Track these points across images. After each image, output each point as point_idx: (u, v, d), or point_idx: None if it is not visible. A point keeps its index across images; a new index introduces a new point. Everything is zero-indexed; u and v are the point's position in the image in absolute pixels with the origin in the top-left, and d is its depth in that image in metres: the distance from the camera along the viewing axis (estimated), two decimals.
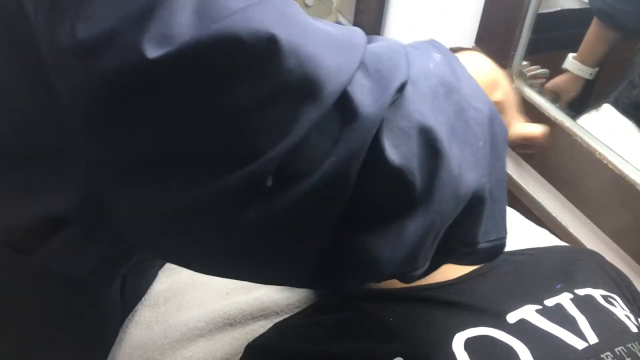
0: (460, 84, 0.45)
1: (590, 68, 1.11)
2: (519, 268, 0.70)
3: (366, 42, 0.42)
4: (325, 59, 0.37)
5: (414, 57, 0.44)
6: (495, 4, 1.02)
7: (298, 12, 0.39)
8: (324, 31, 0.40)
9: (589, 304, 0.64)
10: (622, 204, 0.84)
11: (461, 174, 0.42)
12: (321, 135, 0.37)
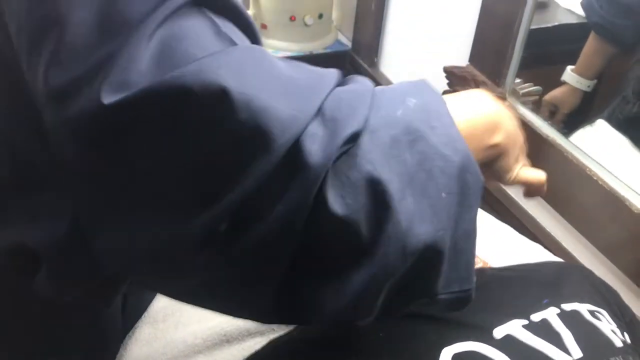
0: (431, 131, 0.44)
1: (589, 80, 1.12)
2: (508, 284, 0.71)
3: (333, 86, 0.42)
4: (279, 110, 0.38)
5: (383, 102, 0.44)
6: (487, 24, 1.04)
7: (260, 59, 0.40)
8: (285, 78, 0.40)
9: (575, 318, 0.65)
10: (613, 219, 0.86)
11: (411, 228, 0.41)
12: (271, 184, 0.38)
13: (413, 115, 0.44)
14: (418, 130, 0.43)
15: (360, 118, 0.41)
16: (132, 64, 0.37)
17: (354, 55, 1.51)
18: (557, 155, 0.94)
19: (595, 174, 0.88)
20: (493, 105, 0.55)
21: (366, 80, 0.46)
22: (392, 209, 0.40)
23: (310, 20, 1.46)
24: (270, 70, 0.40)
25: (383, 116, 0.43)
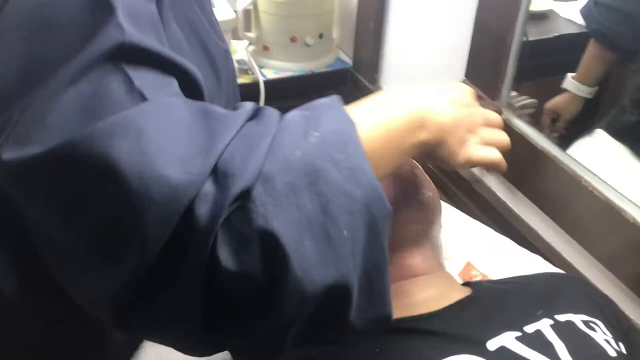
0: (333, 167, 0.44)
1: (590, 87, 1.12)
2: (502, 296, 0.72)
3: (235, 132, 0.43)
4: (173, 177, 0.39)
5: (283, 141, 0.44)
6: (480, 39, 1.06)
7: (165, 115, 0.42)
8: (186, 135, 0.41)
9: (569, 329, 0.66)
10: (610, 230, 0.86)
11: (309, 275, 0.42)
12: (168, 250, 0.40)
13: (314, 152, 0.44)
14: (318, 169, 0.43)
15: (253, 169, 0.41)
16: (37, 122, 0.40)
17: (355, 73, 1.53)
18: (553, 167, 0.95)
19: (591, 184, 0.89)
20: (415, 102, 0.56)
21: (272, 115, 0.47)
22: (288, 259, 0.41)
23: (310, 41, 1.48)
24: (173, 127, 0.42)
25: (280, 160, 0.43)
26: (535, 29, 1.18)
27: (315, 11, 1.47)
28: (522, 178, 1.03)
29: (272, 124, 0.46)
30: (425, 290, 0.70)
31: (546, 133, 1.15)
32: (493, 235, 1.00)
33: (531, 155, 0.99)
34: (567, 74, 1.15)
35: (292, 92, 1.49)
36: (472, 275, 0.90)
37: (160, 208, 0.39)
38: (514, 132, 1.02)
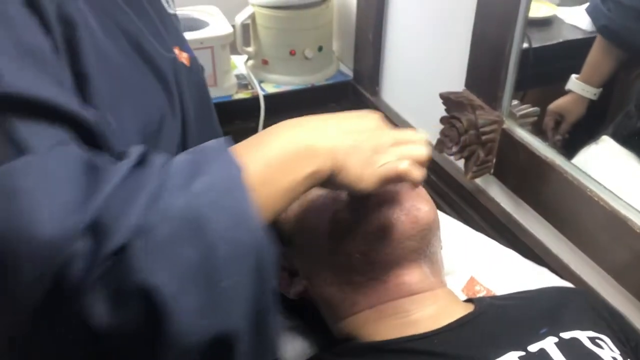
0: (217, 215, 0.44)
1: (595, 88, 1.10)
2: (506, 313, 0.70)
3: (112, 188, 0.42)
4: (42, 237, 0.39)
5: (167, 188, 0.44)
6: (479, 48, 1.04)
7: (42, 170, 0.42)
8: (60, 189, 0.41)
9: (574, 347, 0.63)
10: (617, 240, 0.84)
11: (192, 326, 0.42)
12: (44, 302, 0.40)
13: (197, 201, 0.44)
14: (200, 218, 0.43)
15: (130, 223, 0.41)
16: None
17: (355, 85, 1.52)
18: (557, 177, 0.92)
19: (596, 194, 0.86)
20: (302, 134, 0.56)
21: (157, 162, 0.47)
22: (168, 313, 0.41)
23: (310, 54, 1.47)
24: (50, 183, 0.41)
25: (161, 210, 0.43)
26: (539, 35, 1.17)
27: (314, 24, 1.46)
28: (526, 188, 1.01)
29: (156, 171, 0.46)
30: (424, 308, 0.68)
31: (549, 135, 1.14)
32: (497, 248, 0.97)
33: (534, 165, 0.97)
34: (571, 76, 1.12)
35: (292, 106, 1.48)
36: (476, 291, 0.88)
37: (31, 267, 0.39)
38: (516, 141, 1.00)
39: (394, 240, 0.66)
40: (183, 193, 0.44)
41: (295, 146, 0.54)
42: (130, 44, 0.62)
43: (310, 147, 0.55)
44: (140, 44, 0.63)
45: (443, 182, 1.20)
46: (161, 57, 0.66)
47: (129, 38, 0.61)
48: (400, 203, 0.68)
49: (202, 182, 0.45)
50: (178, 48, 0.74)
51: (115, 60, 0.58)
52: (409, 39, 1.30)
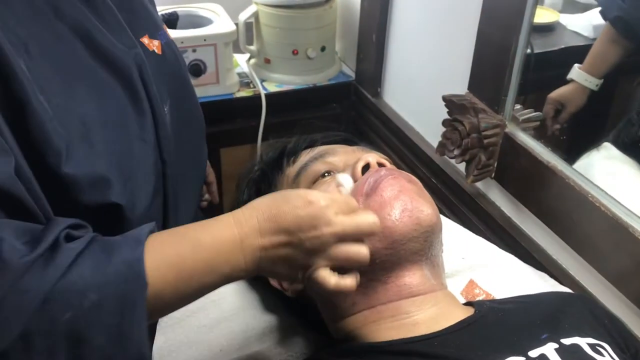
0: (100, 333, 0.50)
1: (597, 79, 1.08)
2: (506, 317, 0.69)
3: (4, 289, 0.47)
4: None
5: (57, 300, 0.48)
6: (483, 51, 1.04)
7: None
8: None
9: (575, 353, 0.63)
10: (617, 246, 0.84)
11: None
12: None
13: (83, 317, 0.49)
14: (82, 335, 0.48)
15: (13, 328, 0.46)
16: None
17: (357, 86, 1.52)
18: (559, 181, 0.92)
19: (598, 200, 0.86)
20: (230, 229, 0.58)
21: (62, 259, 0.50)
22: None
23: (312, 53, 1.47)
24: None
25: (47, 321, 0.48)
26: (541, 41, 1.17)
27: (317, 24, 1.46)
28: (527, 193, 1.01)
29: (53, 275, 0.49)
30: (424, 311, 0.68)
31: (548, 124, 1.13)
32: (497, 251, 0.97)
33: (536, 170, 0.96)
34: (574, 65, 1.11)
35: (294, 106, 1.48)
36: (475, 294, 0.88)
37: None
38: (518, 146, 1.00)
39: (395, 241, 0.66)
40: (70, 308, 0.49)
41: (222, 243, 0.58)
42: (83, 42, 0.63)
43: (230, 251, 0.58)
44: (93, 41, 0.64)
45: (443, 185, 1.20)
46: (121, 52, 0.66)
47: (81, 36, 0.63)
48: (404, 204, 0.68)
49: (94, 299, 0.50)
50: (147, 36, 0.74)
51: (63, 60, 0.61)
52: (412, 40, 1.30)
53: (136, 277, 0.52)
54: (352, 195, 0.70)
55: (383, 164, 0.75)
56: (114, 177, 0.63)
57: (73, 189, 0.59)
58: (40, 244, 0.50)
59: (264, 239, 0.58)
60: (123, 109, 0.66)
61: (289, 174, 0.79)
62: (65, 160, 0.57)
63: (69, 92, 0.61)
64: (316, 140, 0.84)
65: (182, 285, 0.56)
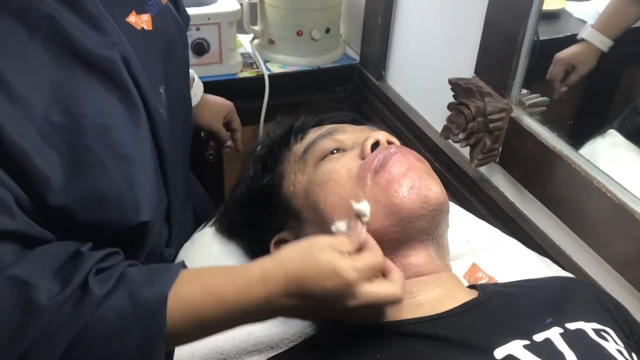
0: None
1: (608, 40, 1.06)
2: (511, 301, 0.69)
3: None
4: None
5: (83, 349, 0.52)
6: (491, 35, 1.03)
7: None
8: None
9: (579, 338, 0.63)
10: (623, 233, 0.83)
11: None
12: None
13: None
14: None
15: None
16: None
17: (362, 68, 1.50)
18: (564, 167, 0.92)
19: (604, 186, 0.86)
20: (253, 293, 0.59)
21: (88, 304, 0.53)
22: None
23: (317, 35, 1.46)
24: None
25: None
26: (546, 28, 1.16)
27: (322, 5, 1.44)
28: (531, 178, 1.00)
29: (82, 317, 0.53)
30: (429, 291, 0.68)
31: (556, 86, 1.10)
32: (500, 236, 0.97)
33: (541, 155, 0.96)
34: (586, 24, 1.08)
35: (297, 88, 1.47)
36: (478, 277, 0.87)
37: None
38: (524, 130, 0.99)
39: (403, 219, 0.65)
40: (96, 352, 0.54)
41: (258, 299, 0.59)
42: (62, 48, 0.59)
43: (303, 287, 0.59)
44: (72, 45, 0.60)
45: (446, 170, 1.20)
46: (104, 50, 0.62)
47: (59, 42, 0.59)
48: (412, 181, 0.67)
49: (119, 340, 0.54)
50: (134, 12, 0.71)
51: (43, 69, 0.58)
52: (418, 24, 1.29)
53: (158, 330, 0.55)
54: (360, 172, 0.69)
55: (392, 142, 0.75)
56: (116, 193, 0.62)
57: (70, 215, 0.59)
58: (70, 283, 0.54)
59: (290, 300, 0.59)
60: (107, 109, 0.63)
61: (296, 151, 0.78)
62: (52, 191, 0.57)
63: (53, 108, 0.58)
64: (324, 119, 0.83)
65: (201, 334, 0.61)
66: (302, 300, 0.59)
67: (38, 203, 0.57)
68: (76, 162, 0.58)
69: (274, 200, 0.78)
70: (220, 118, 1.15)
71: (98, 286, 0.55)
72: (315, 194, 0.71)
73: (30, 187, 0.56)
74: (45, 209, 0.57)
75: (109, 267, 0.58)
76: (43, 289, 0.52)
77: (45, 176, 0.56)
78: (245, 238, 0.86)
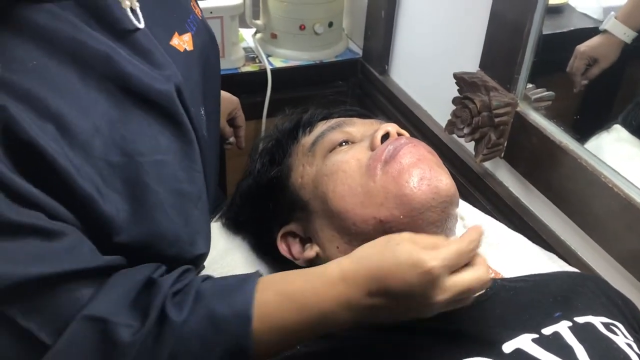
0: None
1: (632, 31, 1.01)
2: (518, 295, 0.69)
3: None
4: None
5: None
6: (497, 30, 1.02)
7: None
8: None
9: (589, 332, 0.63)
10: (629, 228, 0.83)
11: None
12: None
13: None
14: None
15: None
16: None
17: (365, 63, 1.50)
18: (571, 161, 0.91)
19: (611, 181, 0.85)
20: (334, 294, 0.56)
21: (167, 337, 0.53)
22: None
23: (320, 29, 1.45)
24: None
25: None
26: (549, 22, 1.15)
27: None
28: (537, 173, 1.00)
29: (164, 353, 0.52)
30: None
31: (577, 80, 1.06)
32: (506, 231, 0.96)
33: (547, 149, 0.95)
34: (610, 14, 1.03)
35: (300, 82, 1.46)
36: None
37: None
38: (529, 125, 0.98)
39: (413, 210, 0.65)
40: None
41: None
42: (115, 83, 0.58)
43: (384, 286, 0.56)
44: (125, 81, 0.59)
45: (451, 165, 1.19)
46: (159, 83, 0.61)
47: (114, 77, 0.58)
48: (423, 172, 0.67)
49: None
50: (177, 34, 0.69)
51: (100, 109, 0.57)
52: (422, 17, 1.28)
53: (243, 351, 0.54)
54: (370, 163, 0.68)
55: (402, 134, 0.74)
56: (173, 228, 0.62)
57: (133, 250, 0.59)
58: (149, 315, 0.53)
59: (372, 300, 0.55)
60: (169, 147, 0.62)
61: (304, 144, 0.78)
62: (116, 230, 0.57)
63: (111, 148, 0.57)
64: (332, 113, 0.83)
65: (285, 345, 0.59)
66: (385, 299, 0.55)
67: (104, 241, 0.57)
68: (136, 201, 0.58)
69: (281, 193, 0.77)
70: (225, 114, 1.14)
71: (175, 311, 0.54)
72: (324, 184, 0.71)
73: (96, 228, 0.56)
74: (109, 245, 0.57)
75: (183, 287, 0.57)
76: (122, 325, 0.52)
77: (110, 217, 0.56)
78: (252, 231, 0.86)
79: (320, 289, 0.56)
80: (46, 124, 0.52)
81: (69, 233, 0.53)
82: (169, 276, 0.58)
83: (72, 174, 0.53)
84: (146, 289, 0.56)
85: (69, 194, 0.53)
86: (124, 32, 0.61)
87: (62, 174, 0.52)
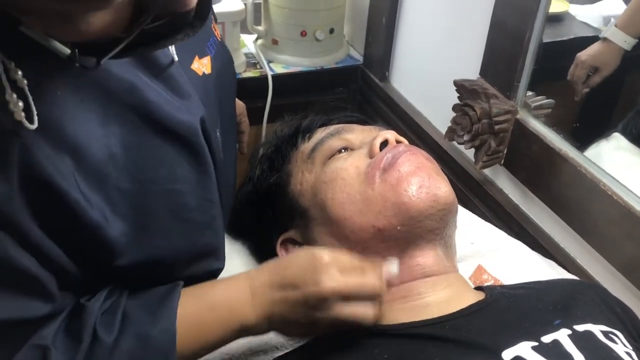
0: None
1: (632, 38, 1.02)
2: (518, 303, 0.69)
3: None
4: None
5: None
6: (497, 37, 1.03)
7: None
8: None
9: (588, 340, 0.62)
10: (628, 235, 0.83)
11: None
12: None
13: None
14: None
15: None
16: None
17: (365, 69, 1.50)
18: (570, 169, 0.91)
19: (610, 189, 0.85)
20: (240, 288, 0.62)
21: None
22: None
23: (321, 35, 1.45)
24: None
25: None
26: (550, 31, 1.16)
27: (326, 5, 1.44)
28: (537, 180, 1.00)
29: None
30: (437, 292, 0.67)
31: (578, 88, 1.08)
32: (505, 238, 0.96)
33: (547, 157, 0.96)
34: (610, 21, 1.05)
35: (300, 88, 1.46)
36: (484, 279, 0.87)
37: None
38: (529, 132, 0.99)
39: (412, 218, 0.65)
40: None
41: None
42: (138, 113, 0.58)
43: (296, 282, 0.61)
44: (149, 112, 0.58)
45: (450, 172, 1.19)
46: (184, 114, 0.61)
47: (137, 106, 0.57)
48: (421, 180, 0.67)
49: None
50: (197, 57, 0.69)
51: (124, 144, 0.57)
52: (423, 24, 1.29)
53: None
54: (369, 170, 0.69)
55: (401, 141, 0.74)
56: (174, 254, 0.63)
57: (132, 271, 0.61)
58: (82, 342, 0.55)
59: (274, 292, 0.61)
60: (185, 176, 0.62)
61: (303, 150, 0.78)
62: (117, 255, 0.58)
63: (124, 174, 0.57)
64: (331, 119, 0.83)
65: (205, 351, 0.62)
66: (284, 292, 0.60)
67: (105, 263, 0.58)
68: (139, 227, 0.58)
69: (280, 199, 0.77)
70: None
71: (105, 332, 0.56)
72: (322, 192, 0.71)
73: (99, 252, 0.57)
74: (109, 267, 0.58)
75: (109, 307, 0.59)
76: (60, 352, 0.54)
77: (113, 243, 0.56)
78: (251, 237, 0.86)
79: (228, 288, 0.62)
80: (63, 156, 0.51)
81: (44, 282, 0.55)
82: (96, 298, 0.59)
83: (82, 206, 0.53)
84: (77, 314, 0.58)
85: (76, 223, 0.53)
86: (161, 68, 0.61)
87: (72, 206, 0.52)
